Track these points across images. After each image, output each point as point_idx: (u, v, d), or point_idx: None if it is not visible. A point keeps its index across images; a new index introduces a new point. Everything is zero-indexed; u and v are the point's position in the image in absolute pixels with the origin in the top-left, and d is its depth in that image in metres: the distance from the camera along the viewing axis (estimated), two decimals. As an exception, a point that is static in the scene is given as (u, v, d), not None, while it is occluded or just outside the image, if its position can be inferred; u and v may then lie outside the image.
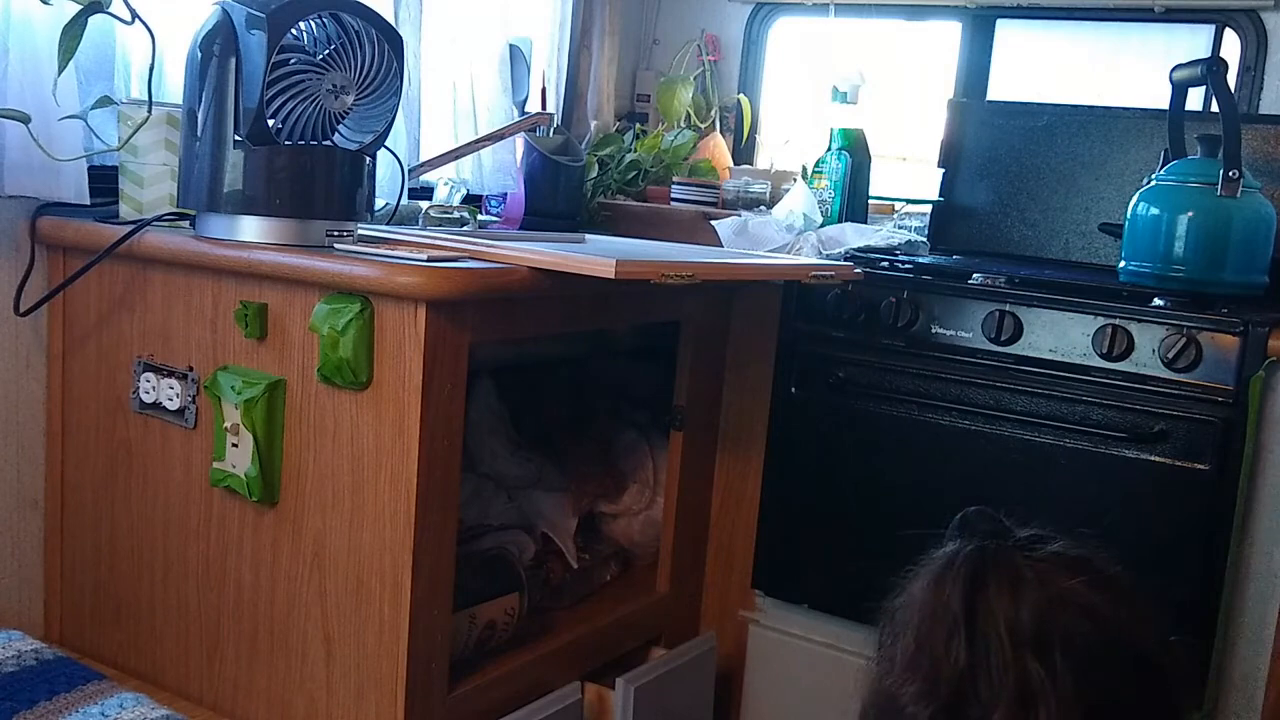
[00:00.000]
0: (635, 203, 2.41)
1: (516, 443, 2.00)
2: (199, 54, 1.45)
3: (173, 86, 1.67)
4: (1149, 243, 1.81)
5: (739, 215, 2.17)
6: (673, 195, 2.38)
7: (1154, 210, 1.81)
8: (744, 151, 2.71)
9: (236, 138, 1.43)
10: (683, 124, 2.62)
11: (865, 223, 2.22)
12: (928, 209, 2.32)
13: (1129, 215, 1.86)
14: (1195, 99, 2.12)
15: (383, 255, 1.41)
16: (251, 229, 1.47)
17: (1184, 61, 1.91)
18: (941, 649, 0.98)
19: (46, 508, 1.72)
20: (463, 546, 1.50)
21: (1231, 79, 2.01)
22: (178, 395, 1.55)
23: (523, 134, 2.18)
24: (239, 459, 1.48)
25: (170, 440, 1.58)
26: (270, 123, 1.42)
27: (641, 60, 2.80)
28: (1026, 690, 0.93)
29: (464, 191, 2.14)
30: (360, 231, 1.57)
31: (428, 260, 1.39)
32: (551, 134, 2.28)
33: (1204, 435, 1.61)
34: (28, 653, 1.37)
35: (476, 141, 2.12)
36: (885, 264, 1.93)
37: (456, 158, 2.10)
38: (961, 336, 1.80)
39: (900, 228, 2.18)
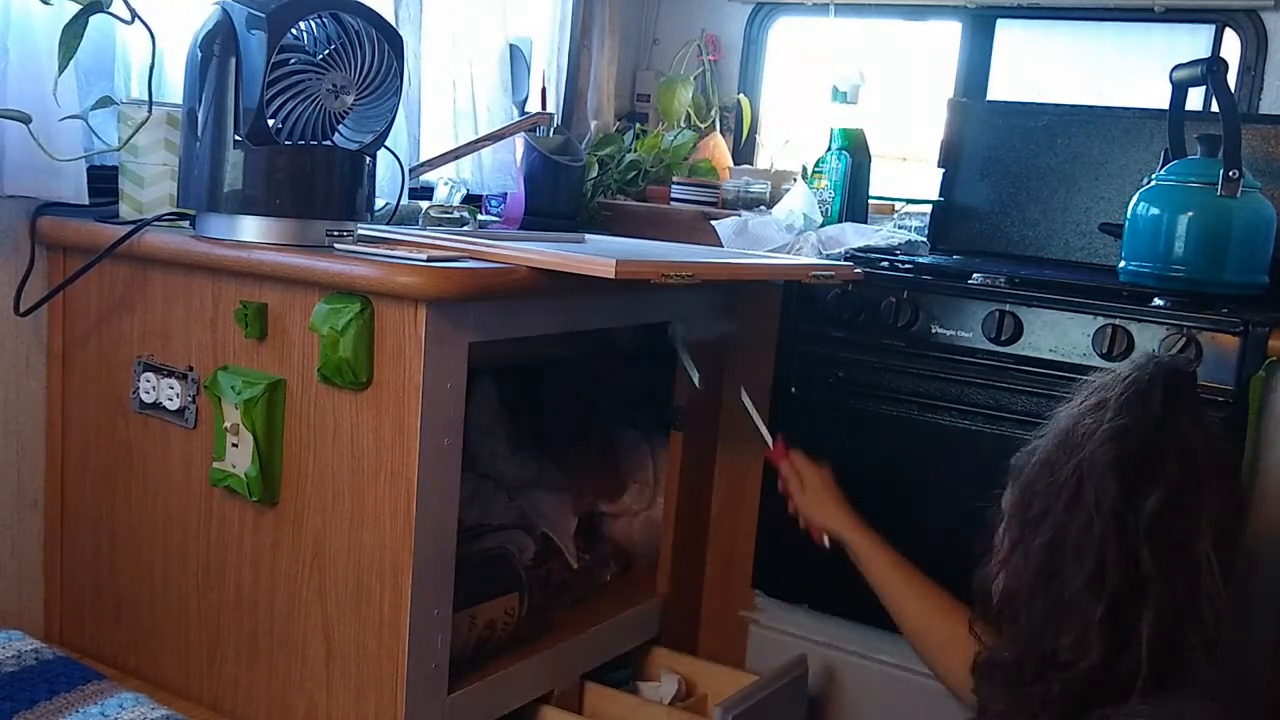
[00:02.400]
0: (635, 203, 2.41)
1: (516, 443, 2.00)
2: (199, 54, 1.45)
3: (173, 86, 1.67)
4: (1149, 243, 1.80)
5: (739, 215, 2.17)
6: (673, 195, 2.38)
7: (1154, 210, 1.81)
8: (744, 151, 2.71)
9: (236, 138, 1.43)
10: (683, 124, 2.63)
11: (865, 223, 2.23)
12: (928, 209, 2.32)
13: (1129, 215, 1.86)
14: (1195, 99, 2.12)
15: (383, 255, 1.41)
16: (251, 229, 1.47)
17: (1184, 61, 1.91)
18: (1140, 409, 1.20)
19: (46, 507, 1.72)
20: (463, 546, 1.50)
21: (1231, 79, 2.01)
22: (178, 395, 1.55)
23: (523, 134, 2.18)
24: (239, 459, 1.48)
25: (170, 440, 1.58)
26: (270, 123, 1.42)
27: (641, 60, 2.80)
28: (1192, 481, 1.18)
29: (464, 191, 2.14)
30: (360, 231, 1.57)
31: (428, 260, 1.39)
32: (551, 134, 2.28)
33: (1204, 435, 1.61)
34: (28, 652, 1.37)
35: (476, 141, 2.12)
36: (885, 264, 1.93)
37: (456, 157, 2.10)
38: (961, 336, 1.80)
39: (900, 228, 2.18)
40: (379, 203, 1.83)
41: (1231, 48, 2.22)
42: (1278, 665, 1.61)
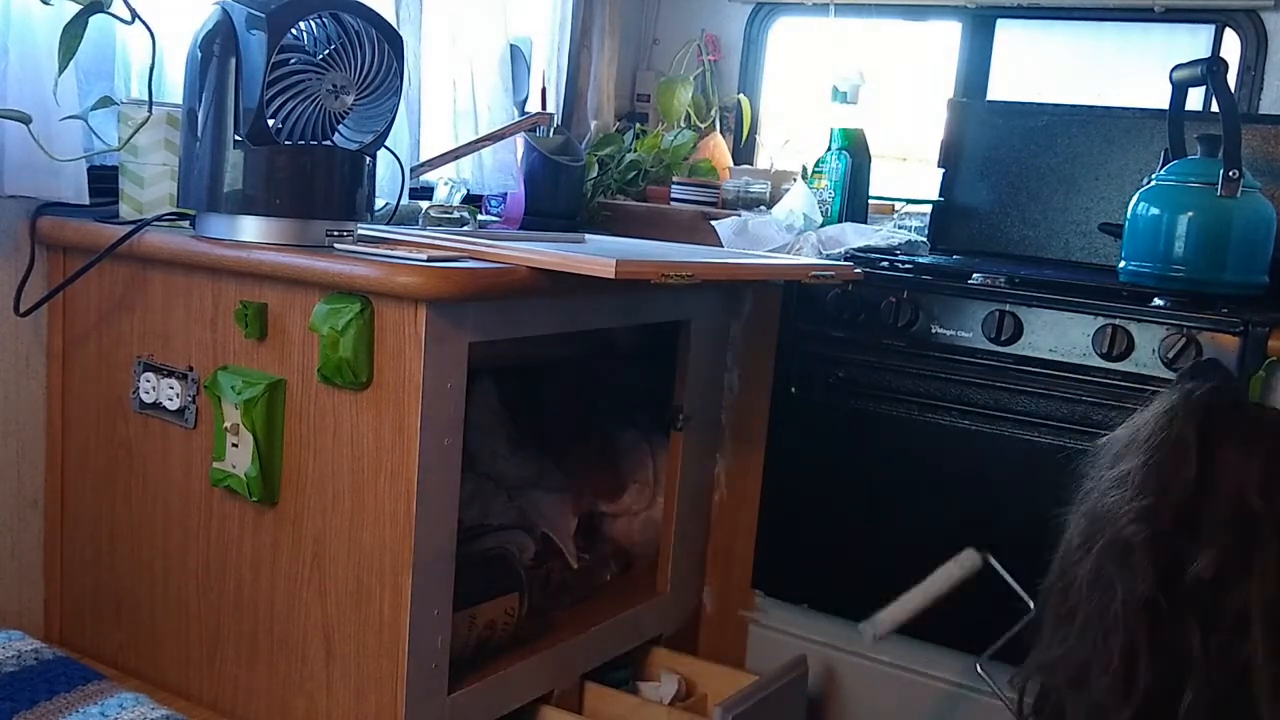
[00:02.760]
0: (635, 203, 2.41)
1: (516, 443, 2.00)
2: (199, 54, 1.45)
3: (173, 86, 1.67)
4: (1149, 243, 1.81)
5: (739, 215, 2.17)
6: (673, 195, 2.38)
7: (1154, 210, 1.81)
8: (744, 151, 2.71)
9: (236, 138, 1.43)
10: (683, 124, 2.63)
11: (865, 223, 2.23)
12: (928, 209, 2.32)
13: (1129, 215, 1.86)
14: (1195, 99, 2.12)
15: (383, 255, 1.41)
16: (251, 229, 1.47)
17: (1184, 61, 1.91)
18: (1171, 474, 1.00)
19: (46, 508, 1.72)
20: (463, 546, 1.50)
21: (1231, 79, 2.01)
22: (178, 395, 1.55)
23: (523, 134, 2.18)
24: (239, 459, 1.48)
25: (170, 440, 1.58)
26: (270, 123, 1.42)
27: (641, 60, 2.80)
28: (1247, 532, 0.97)
29: (464, 191, 2.14)
30: (360, 231, 1.58)
31: (428, 260, 1.39)
32: (552, 134, 2.28)
33: (1204, 435, 1.61)
34: (28, 652, 1.37)
35: (477, 141, 2.12)
36: (885, 264, 1.93)
37: (457, 157, 2.10)
38: (961, 336, 1.80)
39: (900, 228, 2.19)
40: (379, 203, 1.83)
41: (1231, 48, 2.22)
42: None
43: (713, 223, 2.13)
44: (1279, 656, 0.95)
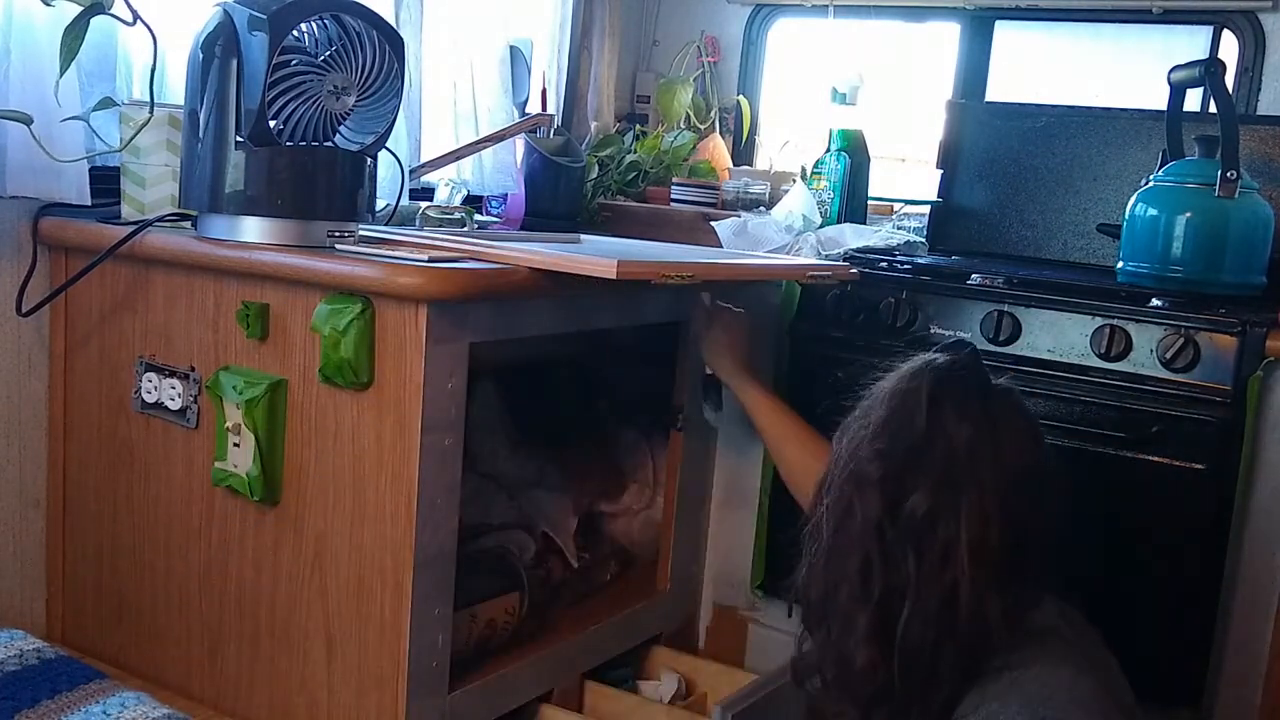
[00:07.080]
0: (635, 203, 2.42)
1: (516, 443, 2.01)
2: (200, 55, 1.46)
3: (174, 87, 1.68)
4: (1147, 243, 1.81)
5: (738, 216, 2.18)
6: (672, 196, 2.39)
7: (1152, 211, 1.82)
8: (743, 152, 2.72)
9: (238, 139, 1.44)
10: (682, 125, 2.63)
11: (864, 223, 2.23)
12: (926, 210, 2.32)
13: (1127, 216, 1.86)
14: (1193, 100, 2.13)
15: (384, 256, 1.41)
16: (253, 230, 1.47)
17: (1182, 63, 1.91)
18: (903, 423, 1.23)
19: (49, 507, 1.72)
20: (463, 546, 1.50)
21: (1229, 80, 2.02)
22: (179, 395, 1.56)
23: (523, 135, 2.19)
24: (240, 459, 1.48)
25: (172, 440, 1.58)
26: (272, 124, 1.42)
27: (641, 61, 2.80)
28: (954, 481, 1.19)
29: (465, 192, 2.14)
30: (361, 232, 1.58)
31: (429, 261, 1.39)
32: (552, 135, 2.29)
33: (1202, 435, 1.62)
34: (30, 652, 1.38)
35: (477, 142, 2.13)
36: (884, 265, 1.94)
37: (457, 159, 2.11)
38: (960, 337, 1.80)
39: (899, 228, 2.19)
40: (379, 204, 1.84)
41: (1229, 49, 2.23)
42: (1275, 658, 1.62)
43: (712, 223, 2.14)
44: (978, 582, 1.16)
